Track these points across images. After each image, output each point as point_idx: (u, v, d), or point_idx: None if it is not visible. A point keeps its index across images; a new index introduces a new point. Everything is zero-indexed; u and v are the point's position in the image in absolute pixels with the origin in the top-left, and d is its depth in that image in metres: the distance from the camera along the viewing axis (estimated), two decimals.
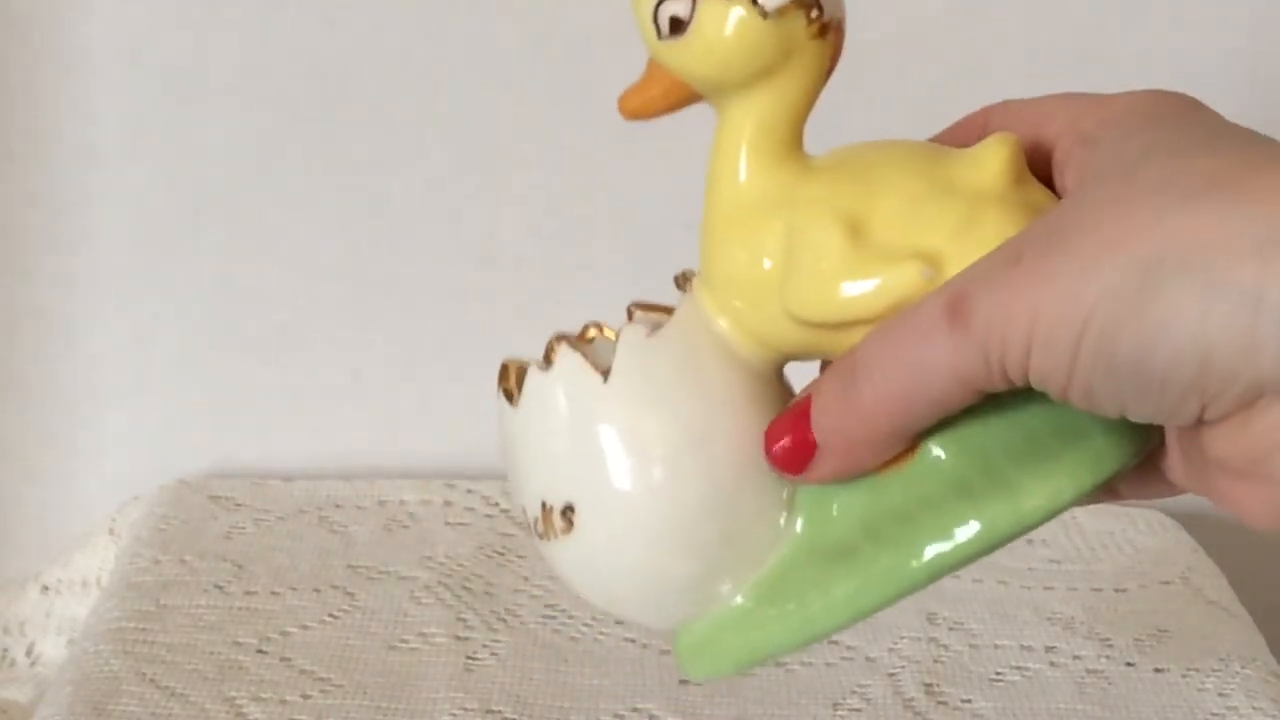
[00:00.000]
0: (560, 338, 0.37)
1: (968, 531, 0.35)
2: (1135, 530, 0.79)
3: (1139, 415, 0.33)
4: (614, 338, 0.38)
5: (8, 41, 0.75)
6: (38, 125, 0.77)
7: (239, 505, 0.77)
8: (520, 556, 0.74)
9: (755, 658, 0.37)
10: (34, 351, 0.81)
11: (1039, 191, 0.36)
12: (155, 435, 0.83)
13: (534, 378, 0.37)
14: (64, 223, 0.79)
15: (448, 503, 0.78)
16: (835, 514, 0.37)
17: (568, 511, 0.36)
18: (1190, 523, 0.80)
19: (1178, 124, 0.34)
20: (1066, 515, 0.79)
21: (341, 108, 0.78)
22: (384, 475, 0.81)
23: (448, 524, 0.77)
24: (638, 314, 0.38)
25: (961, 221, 0.35)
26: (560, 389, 0.36)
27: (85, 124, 0.77)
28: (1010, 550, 0.76)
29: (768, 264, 0.36)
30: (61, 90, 0.76)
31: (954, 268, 0.34)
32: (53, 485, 0.83)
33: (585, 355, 0.37)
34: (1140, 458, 0.37)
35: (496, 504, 0.78)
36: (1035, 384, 0.33)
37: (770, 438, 0.36)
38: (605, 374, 0.36)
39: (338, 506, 0.78)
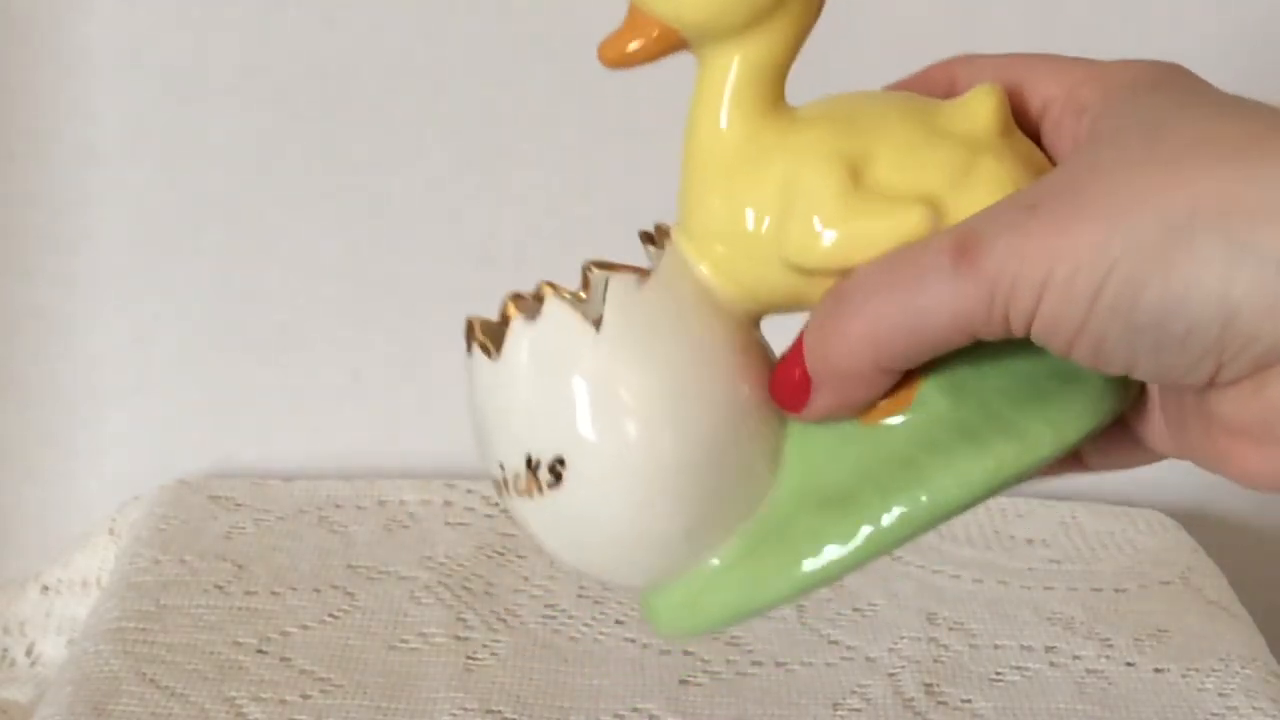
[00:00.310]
0: (515, 296, 0.37)
1: (974, 473, 0.35)
2: (1135, 530, 0.79)
3: (1146, 372, 0.33)
4: (570, 298, 0.37)
5: (8, 41, 0.75)
6: (38, 125, 0.77)
7: (239, 505, 0.77)
8: (520, 556, 0.74)
9: (749, 609, 0.37)
10: (34, 351, 0.81)
11: (1026, 144, 0.36)
12: (155, 435, 0.83)
13: (520, 329, 0.36)
14: (64, 223, 0.79)
15: (448, 503, 0.78)
16: (828, 462, 0.36)
17: (557, 465, 0.35)
18: (1190, 523, 0.80)
19: (1184, 90, 0.34)
20: (1067, 515, 0.80)
21: (341, 108, 0.78)
22: (384, 475, 0.81)
23: (448, 524, 0.77)
24: (596, 273, 0.37)
25: (959, 168, 0.35)
26: (550, 340, 0.36)
27: (85, 124, 0.77)
28: (1010, 550, 0.76)
29: (754, 212, 0.35)
30: (61, 90, 0.76)
31: (954, 215, 0.34)
32: (53, 485, 0.83)
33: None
34: (1128, 405, 0.37)
35: (496, 504, 0.78)
36: (1037, 334, 0.33)
37: (774, 375, 0.36)
38: (596, 324, 0.35)
39: (338, 506, 0.78)
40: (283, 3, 0.76)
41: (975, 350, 0.35)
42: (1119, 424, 0.38)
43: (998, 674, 0.67)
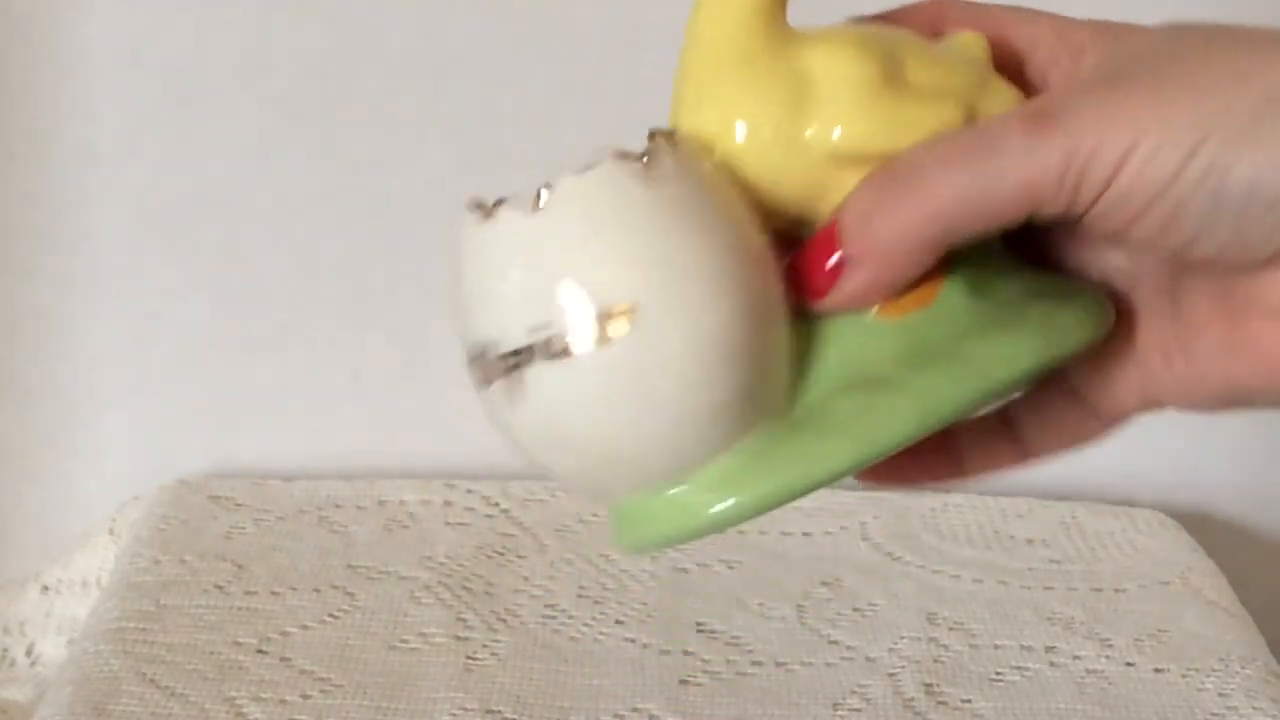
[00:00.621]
0: (477, 203, 0.37)
1: (1017, 352, 0.35)
2: (1135, 530, 0.79)
3: (1210, 245, 0.33)
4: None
5: (8, 41, 0.75)
6: (38, 125, 0.77)
7: (239, 505, 0.77)
8: (520, 556, 0.74)
9: (800, 486, 0.35)
10: (34, 351, 0.81)
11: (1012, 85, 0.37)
12: (155, 435, 0.83)
13: (570, 183, 0.36)
14: (64, 223, 0.79)
15: (448, 503, 0.78)
16: (858, 352, 0.35)
17: (630, 312, 0.33)
18: (1190, 523, 0.80)
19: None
20: (1067, 515, 0.80)
21: (341, 108, 0.78)
22: (384, 475, 0.81)
23: (448, 524, 0.77)
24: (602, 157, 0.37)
25: (979, 79, 0.35)
26: (607, 190, 0.35)
27: (85, 124, 0.77)
28: (1010, 550, 0.76)
29: (774, 109, 0.35)
30: (61, 90, 0.76)
31: (984, 116, 0.35)
32: (53, 485, 0.83)
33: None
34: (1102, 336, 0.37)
35: (496, 504, 0.78)
36: (1101, 209, 0.32)
37: (803, 260, 0.35)
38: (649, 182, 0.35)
39: (338, 506, 0.78)
40: (283, 3, 0.76)
41: (986, 266, 0.35)
42: (1068, 394, 0.38)
43: (998, 674, 0.67)
